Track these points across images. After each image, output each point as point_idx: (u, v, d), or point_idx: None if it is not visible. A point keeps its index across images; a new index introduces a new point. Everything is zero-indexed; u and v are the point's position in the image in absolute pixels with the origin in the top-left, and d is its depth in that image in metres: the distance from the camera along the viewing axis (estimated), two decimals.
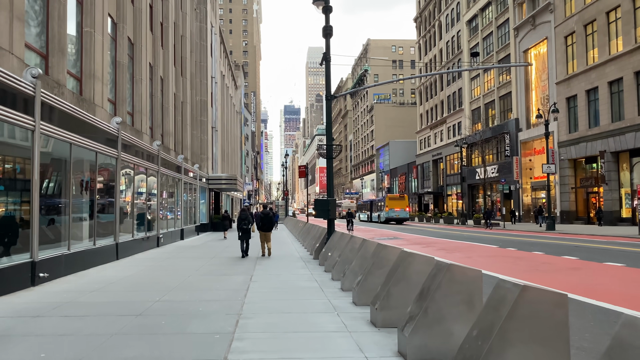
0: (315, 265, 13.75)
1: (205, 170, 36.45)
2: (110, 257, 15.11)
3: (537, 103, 48.22)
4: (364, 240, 9.61)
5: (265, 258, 15.93)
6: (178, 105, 28.90)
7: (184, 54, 30.99)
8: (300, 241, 24.03)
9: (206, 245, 22.38)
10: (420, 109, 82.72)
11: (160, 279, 11.21)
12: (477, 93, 60.75)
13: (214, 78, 41.29)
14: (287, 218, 55.31)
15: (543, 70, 47.33)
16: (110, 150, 15.15)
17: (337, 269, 10.88)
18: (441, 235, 29.77)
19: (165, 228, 23.03)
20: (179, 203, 26.67)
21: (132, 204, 17.82)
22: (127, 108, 19.26)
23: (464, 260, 14.74)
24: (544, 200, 48.27)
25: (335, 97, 14.87)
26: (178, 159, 26.36)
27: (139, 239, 18.40)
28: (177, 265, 13.99)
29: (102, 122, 14.58)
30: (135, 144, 18.18)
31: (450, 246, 20.65)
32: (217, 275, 11.92)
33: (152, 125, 23.20)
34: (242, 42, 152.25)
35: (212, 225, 37.54)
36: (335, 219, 15.01)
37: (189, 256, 16.97)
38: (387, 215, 56.38)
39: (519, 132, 50.21)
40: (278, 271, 12.52)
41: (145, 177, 19.77)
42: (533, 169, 49.57)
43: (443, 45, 72.46)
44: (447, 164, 69.91)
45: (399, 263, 6.73)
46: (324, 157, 14.86)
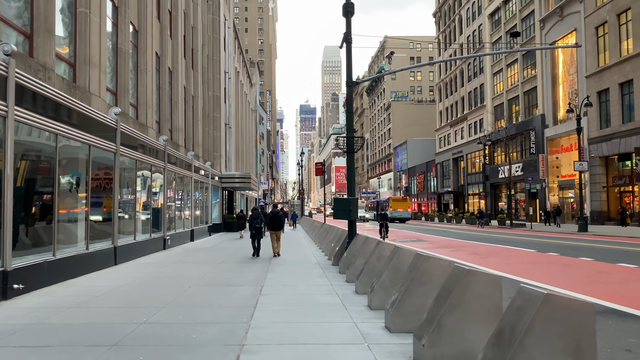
0: (334, 273, 12.08)
1: (218, 168, 35.01)
2: (107, 262, 13.61)
3: (565, 98, 45.95)
4: (396, 247, 7.92)
5: (278, 264, 14.31)
6: (189, 99, 27.45)
7: (195, 46, 29.54)
8: (317, 243, 22.40)
9: (216, 248, 20.84)
10: (440, 106, 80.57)
11: (156, 290, 9.64)
12: (500, 88, 58.53)
13: (227, 73, 39.84)
14: (303, 218, 53.72)
15: (571, 63, 45.05)
16: (107, 143, 13.64)
17: (362, 281, 9.20)
18: (466, 237, 27.91)
19: (173, 229, 21.55)
20: (189, 202, 25.20)
21: (134, 203, 16.32)
22: (130, 99, 17.79)
23: (503, 268, 12.96)
24: (571, 199, 46.06)
25: (357, 84, 13.22)
26: (188, 156, 24.89)
27: (142, 241, 16.90)
28: (180, 272, 12.43)
29: (97, 112, 13.07)
30: (139, 137, 16.70)
31: (482, 250, 18.83)
32: (222, 285, 10.32)
33: (159, 120, 21.74)
34: (258, 41, 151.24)
35: (225, 225, 36.07)
36: (356, 221, 13.33)
37: (196, 260, 15.42)
38: (391, 215, 61.50)
39: (545, 129, 47.96)
40: (292, 280, 10.88)
41: (150, 174, 18.28)
42: (560, 167, 47.34)
43: (464, 40, 70.25)
44: (468, 163, 67.71)
45: (452, 283, 5.04)
46: (344, 151, 13.20)
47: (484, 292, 4.82)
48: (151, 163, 18.09)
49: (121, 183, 15.31)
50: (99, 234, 13.48)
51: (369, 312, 7.59)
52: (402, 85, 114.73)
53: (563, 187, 46.77)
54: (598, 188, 40.04)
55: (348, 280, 10.67)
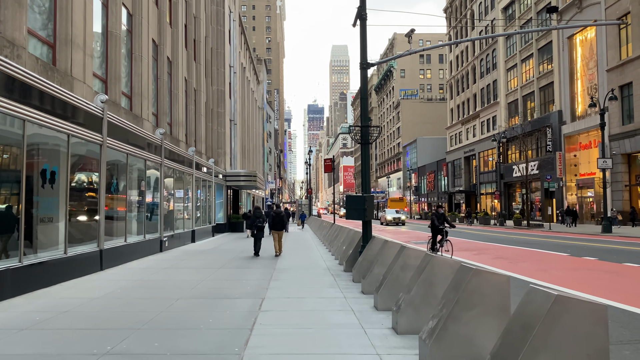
0: (347, 282, 10.50)
1: (222, 166, 33.52)
2: (91, 267, 12.12)
3: (583, 93, 44.06)
4: (427, 255, 6.33)
5: (283, 269, 12.74)
6: (190, 92, 25.97)
7: (197, 37, 28.06)
8: (326, 245, 20.83)
9: (217, 250, 19.32)
10: (451, 104, 78.70)
11: (136, 304, 8.11)
12: (514, 84, 56.66)
13: (232, 67, 38.35)
14: (311, 218, 52.15)
15: (590, 57, 43.14)
16: (91, 133, 12.14)
17: (383, 295, 7.60)
18: (484, 238, 26.21)
19: (171, 229, 20.05)
20: (190, 201, 23.71)
21: (125, 202, 14.81)
22: (123, 88, 16.30)
23: (539, 275, 11.32)
24: (590, 199, 44.19)
25: (373, 65, 11.62)
26: (189, 152, 23.40)
27: (135, 243, 15.40)
28: (171, 280, 10.90)
29: (79, 98, 11.57)
30: (131, 129, 15.20)
31: (508, 253, 17.16)
32: (216, 297, 8.76)
33: (157, 112, 20.26)
34: (266, 39, 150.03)
35: (230, 225, 34.58)
36: (372, 221, 11.72)
37: (192, 265, 13.89)
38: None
39: (563, 126, 46.05)
40: (299, 291, 9.31)
41: (145, 169, 16.77)
42: (578, 165, 45.42)
43: (476, 35, 68.33)
44: (481, 161, 65.83)
45: (529, 313, 3.45)
46: (358, 142, 11.61)
47: (581, 330, 3.22)
48: (146, 158, 16.58)
49: (110, 179, 13.82)
50: (82, 236, 11.99)
51: (395, 337, 6.00)
52: (412, 83, 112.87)
53: (581, 186, 44.87)
54: (620, 187, 38.17)
55: (364, 292, 9.09)
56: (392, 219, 50.63)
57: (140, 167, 16.51)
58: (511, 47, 57.77)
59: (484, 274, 4.78)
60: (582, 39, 44.48)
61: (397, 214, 51.81)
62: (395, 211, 53.66)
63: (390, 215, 51.17)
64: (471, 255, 16.48)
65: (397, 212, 53.17)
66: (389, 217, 50.96)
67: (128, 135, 14.95)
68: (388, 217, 50.89)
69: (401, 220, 50.97)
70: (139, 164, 16.33)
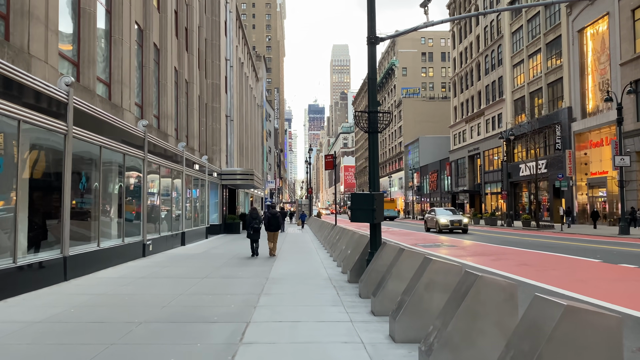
0: (353, 297, 8.71)
1: (217, 163, 31.73)
2: (52, 278, 10.33)
3: (595, 89, 42.26)
4: (469, 274, 4.55)
5: (277, 280, 10.93)
6: (181, 84, 24.18)
7: (189, 26, 26.27)
8: (327, 248, 19.05)
9: (207, 255, 17.52)
10: (454, 101, 76.88)
11: (80, 333, 6.30)
12: (521, 81, 54.85)
13: (228, 61, 36.56)
14: (311, 218, 50.36)
15: (602, 51, 41.31)
16: (51, 121, 10.35)
17: (403, 323, 5.79)
18: (497, 240, 24.39)
19: (156, 232, 18.24)
20: (179, 200, 21.92)
21: (97, 201, 13.00)
22: (100, 74, 14.53)
23: (580, 288, 9.53)
24: (601, 199, 42.39)
25: (383, 40, 9.83)
26: (178, 147, 21.62)
27: (110, 248, 13.60)
28: (141, 295, 9.11)
29: (34, 78, 9.79)
30: (107, 119, 13.41)
31: (530, 259, 15.35)
32: (189, 320, 6.96)
33: (141, 104, 18.48)
34: (266, 37, 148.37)
35: (225, 226, 32.78)
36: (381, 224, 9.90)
37: (173, 274, 12.09)
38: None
39: (572, 123, 44.26)
40: (294, 312, 7.50)
41: (123, 165, 14.98)
42: (589, 163, 43.61)
43: (480, 31, 66.56)
44: (485, 160, 64.02)
45: None
46: (365, 130, 9.82)
47: None
48: (125, 152, 14.78)
49: (79, 174, 12.03)
50: (41, 242, 10.20)
51: None
52: (413, 81, 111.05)
53: (593, 185, 43.05)
54: (634, 186, 36.35)
55: (375, 313, 7.29)
56: (447, 222, 32.23)
57: (118, 162, 14.72)
58: (517, 43, 55.96)
59: (582, 314, 2.98)
60: (593, 32, 42.67)
61: (453, 216, 33.65)
62: (451, 211, 35.76)
63: (444, 217, 32.79)
64: (489, 261, 14.69)
65: (452, 212, 35.57)
66: (443, 220, 32.54)
67: (103, 125, 13.17)
68: (442, 221, 32.44)
69: (462, 224, 32.22)
70: (116, 158, 14.54)
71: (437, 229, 33.02)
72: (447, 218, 32.72)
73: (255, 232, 16.70)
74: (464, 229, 32.25)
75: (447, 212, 35.52)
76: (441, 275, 5.69)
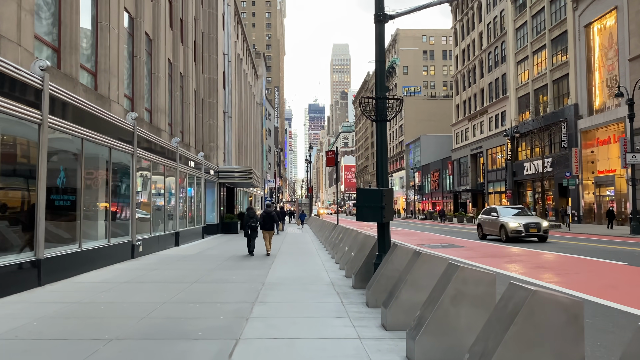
0: (360, 307, 7.67)
1: (214, 161, 30.69)
2: (24, 283, 9.29)
3: (602, 85, 41.21)
4: (516, 287, 3.52)
5: (274, 286, 9.88)
6: (176, 77, 23.13)
7: (185, 17, 25.22)
8: (329, 249, 18.01)
9: (201, 256, 16.47)
10: (457, 99, 75.80)
11: (34, 355, 5.26)
12: (525, 78, 53.78)
13: (226, 55, 35.51)
14: (312, 218, 49.34)
15: (610, 46, 40.25)
16: (24, 109, 9.30)
17: (424, 344, 4.74)
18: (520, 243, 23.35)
19: (147, 232, 17.19)
20: (173, 198, 20.88)
21: (80, 198, 11.95)
22: (85, 62, 13.50)
23: (612, 295, 8.50)
24: (608, 198, 41.34)
25: (392, 18, 8.80)
26: (172, 143, 20.57)
27: (94, 249, 12.55)
28: (120, 303, 8.07)
29: (6, 62, 8.75)
30: (91, 110, 12.37)
31: (546, 261, 14.30)
32: (168, 337, 5.92)
33: (132, 96, 17.43)
34: (266, 36, 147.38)
35: (223, 226, 31.73)
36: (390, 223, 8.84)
37: (161, 278, 11.05)
38: None
39: (579, 120, 43.17)
40: (292, 325, 6.46)
41: (109, 160, 13.93)
42: (596, 162, 42.56)
43: (483, 27, 65.49)
44: (489, 159, 62.93)
45: None
46: (372, 120, 8.78)
47: None
48: (111, 145, 13.73)
49: (57, 168, 10.99)
50: (10, 243, 9.16)
51: None
52: (415, 80, 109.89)
53: (600, 184, 42.00)
54: None
55: (387, 327, 6.24)
56: (519, 226, 22.50)
57: (104, 157, 13.67)
58: (522, 39, 54.89)
59: None
60: (600, 27, 41.60)
61: (526, 217, 23.88)
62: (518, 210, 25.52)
63: (515, 220, 23.06)
64: (502, 263, 13.65)
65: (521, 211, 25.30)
66: (514, 223, 22.76)
67: (86, 116, 12.12)
68: (512, 224, 22.69)
69: (541, 228, 22.53)
70: (101, 152, 13.49)
71: (503, 235, 22.94)
72: (518, 220, 22.91)
73: (252, 231, 16.80)
74: (543, 235, 22.52)
75: (514, 210, 25.47)
76: (471, 286, 4.66)
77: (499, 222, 23.75)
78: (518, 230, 22.44)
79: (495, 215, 24.70)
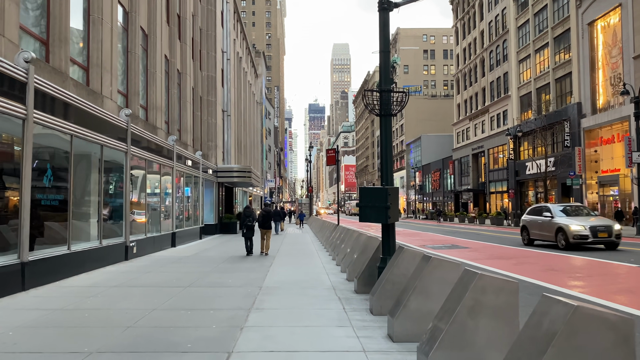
0: (364, 314, 7.13)
1: (213, 160, 30.17)
2: (8, 288, 8.75)
3: (606, 84, 40.66)
4: (552, 300, 2.98)
5: (271, 290, 9.34)
6: (173, 74, 22.60)
7: (182, 13, 24.68)
8: (329, 251, 17.47)
9: (197, 258, 15.93)
10: (458, 99, 75.24)
11: None
12: (527, 76, 53.22)
13: (225, 53, 34.98)
14: (312, 218, 48.80)
15: (614, 44, 39.70)
16: (6, 103, 8.77)
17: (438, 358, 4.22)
18: (510, 241, 22.82)
19: (142, 232, 16.65)
20: (169, 198, 20.34)
21: (69, 197, 11.41)
22: (75, 56, 12.97)
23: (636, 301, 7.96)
24: (612, 198, 40.81)
25: (397, 6, 8.25)
26: (169, 141, 20.04)
27: (84, 251, 12.01)
28: (106, 310, 7.53)
29: None
30: (82, 106, 11.84)
31: (557, 264, 13.74)
32: (154, 349, 5.38)
33: (126, 92, 16.91)
34: (266, 35, 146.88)
35: (221, 226, 31.20)
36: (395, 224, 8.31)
37: (154, 282, 10.51)
38: None
39: (582, 119, 42.60)
40: (291, 336, 5.92)
41: (101, 158, 13.39)
42: (599, 161, 41.97)
43: (485, 26, 64.93)
44: (490, 158, 62.38)
45: None
46: (376, 114, 8.24)
47: None
48: (103, 143, 13.19)
49: (44, 166, 10.46)
50: None
51: None
52: (415, 79, 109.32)
53: (604, 183, 41.43)
54: None
55: (394, 338, 5.70)
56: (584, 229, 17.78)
57: (95, 154, 13.14)
58: (524, 37, 54.33)
59: None
60: (604, 24, 41.05)
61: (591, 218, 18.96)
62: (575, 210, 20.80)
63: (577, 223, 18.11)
64: (510, 265, 13.11)
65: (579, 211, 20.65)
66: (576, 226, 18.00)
67: (76, 112, 11.58)
68: (574, 228, 17.96)
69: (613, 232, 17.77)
70: (93, 150, 12.96)
71: (562, 241, 18.32)
72: (582, 222, 18.13)
73: (249, 230, 16.87)
74: (614, 242, 17.80)
75: (571, 210, 20.75)
76: (491, 295, 4.12)
77: (555, 224, 18.94)
78: (583, 235, 17.52)
79: (548, 215, 19.75)
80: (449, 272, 5.39)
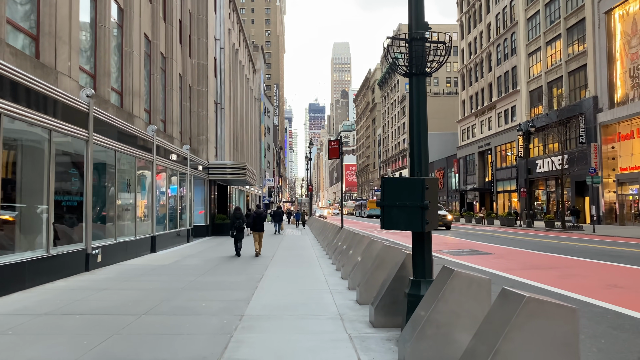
0: None
1: (204, 155, 27.63)
2: None
3: (624, 76, 38.12)
4: None
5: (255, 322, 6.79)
6: (156, 57, 20.06)
7: None
8: (332, 258, 14.90)
9: (174, 268, 13.36)
10: (463, 95, 72.66)
11: None
12: (537, 70, 50.68)
13: (218, 41, 32.44)
14: (311, 219, 46.23)
15: (633, 33, 37.17)
16: None
17: None
18: (533, 245, 20.30)
19: (111, 237, 14.09)
20: (149, 197, 17.79)
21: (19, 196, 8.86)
22: (20, 21, 10.45)
23: None
24: (630, 197, 38.30)
25: None
26: (148, 132, 17.50)
27: (20, 263, 9.46)
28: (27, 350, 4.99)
29: None
30: (24, 80, 9.31)
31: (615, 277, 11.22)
32: None
33: (94, 72, 14.37)
34: (265, 32, 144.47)
35: (213, 227, 28.65)
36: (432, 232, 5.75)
37: (100, 306, 7.96)
38: (368, 213, 79.53)
39: (598, 114, 40.05)
40: None
41: (49, 147, 10.83)
42: (617, 158, 39.42)
43: (491, 19, 62.35)
44: (497, 156, 59.83)
45: None
46: (402, 73, 5.73)
47: None
48: (52, 127, 10.63)
49: None
50: None
51: None
52: None
53: (622, 182, 38.87)
54: None
55: None
56: None
57: (42, 141, 10.59)
58: (534, 29, 51.79)
59: None
60: (622, 13, 38.52)
61: None
62: None
63: None
64: (554, 279, 10.59)
65: None
66: None
67: (14, 88, 9.06)
68: None
69: None
70: (38, 135, 10.42)
71: None
72: None
73: (238, 232, 16.69)
74: None
75: None
76: None
77: None
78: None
79: None
80: (558, 322, 2.86)
